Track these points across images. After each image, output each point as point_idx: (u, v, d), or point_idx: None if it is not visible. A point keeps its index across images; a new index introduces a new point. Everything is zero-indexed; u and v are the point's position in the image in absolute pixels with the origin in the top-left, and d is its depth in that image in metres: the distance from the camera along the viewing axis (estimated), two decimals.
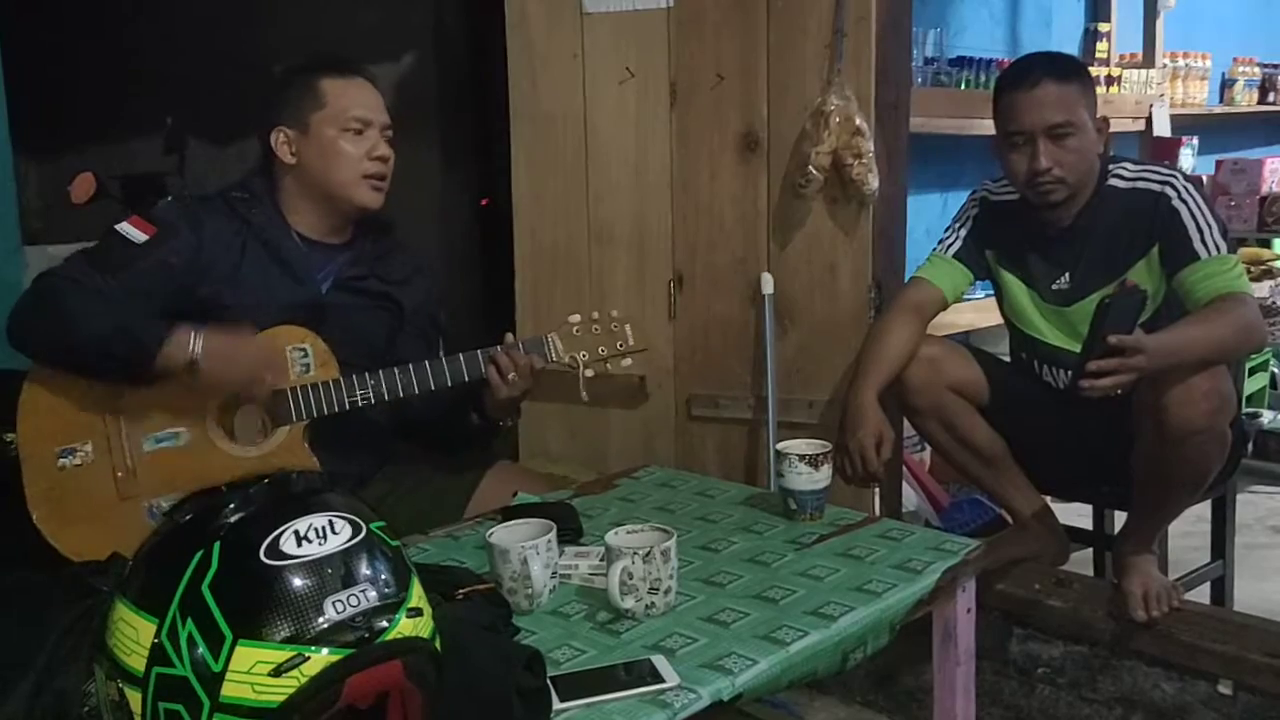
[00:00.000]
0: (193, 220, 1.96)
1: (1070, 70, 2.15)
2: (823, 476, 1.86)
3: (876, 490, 2.38)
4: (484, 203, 4.05)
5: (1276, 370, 4.20)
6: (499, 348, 2.00)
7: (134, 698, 0.95)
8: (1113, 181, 2.13)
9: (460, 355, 1.99)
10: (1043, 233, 2.20)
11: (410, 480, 2.12)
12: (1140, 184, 2.11)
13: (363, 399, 1.94)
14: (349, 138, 2.01)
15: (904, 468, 2.75)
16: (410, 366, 1.96)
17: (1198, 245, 2.02)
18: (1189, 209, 2.04)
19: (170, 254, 1.92)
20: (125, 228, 1.92)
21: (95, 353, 1.81)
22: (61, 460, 1.85)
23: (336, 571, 0.97)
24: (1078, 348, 1.98)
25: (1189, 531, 2.71)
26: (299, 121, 2.01)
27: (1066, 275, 2.18)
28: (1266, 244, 4.24)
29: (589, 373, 2.06)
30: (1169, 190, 2.06)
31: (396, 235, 2.20)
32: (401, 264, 2.16)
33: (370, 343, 2.07)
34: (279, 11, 3.95)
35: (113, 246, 1.91)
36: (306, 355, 1.95)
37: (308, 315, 1.98)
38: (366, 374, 1.95)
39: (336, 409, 1.93)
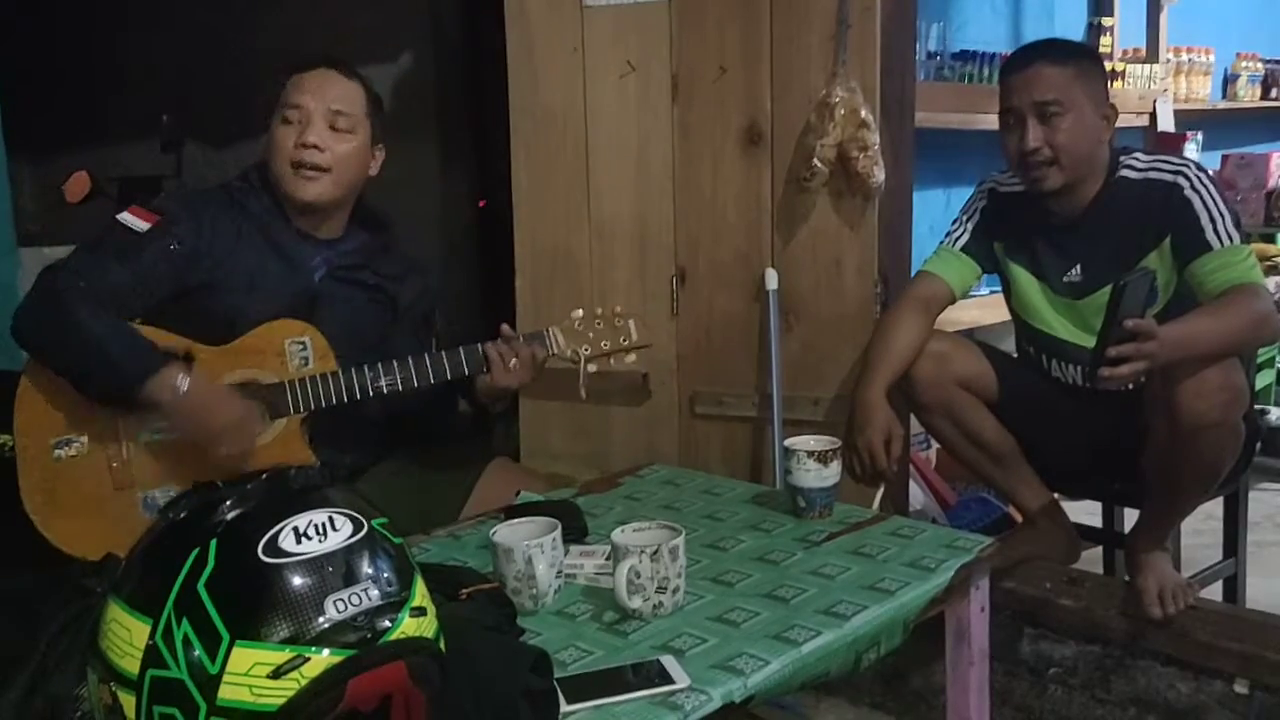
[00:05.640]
0: (192, 208, 1.97)
1: (1069, 53, 2.13)
2: (831, 473, 1.83)
3: (880, 490, 2.35)
4: (481, 204, 4.02)
5: None
6: (498, 340, 1.99)
7: (128, 701, 0.92)
8: (1124, 172, 2.11)
9: (460, 349, 1.98)
10: (1053, 224, 2.17)
11: (407, 478, 2.11)
12: (1152, 174, 2.08)
13: (361, 392, 1.93)
14: (281, 127, 1.99)
15: (910, 465, 2.72)
16: (410, 359, 1.95)
17: (1210, 236, 1.99)
18: (1201, 199, 2.01)
19: (172, 241, 1.92)
20: (127, 217, 1.92)
21: (90, 367, 1.81)
22: (57, 451, 1.85)
23: (337, 569, 0.95)
24: (1089, 342, 1.95)
25: (1199, 529, 2.68)
26: (270, 120, 2.02)
27: (1078, 267, 2.15)
28: (1272, 239, 4.23)
29: (591, 368, 2.05)
30: (1181, 180, 2.03)
31: (392, 234, 2.19)
32: (396, 261, 2.16)
33: (362, 334, 2.06)
34: (275, 12, 3.92)
35: (116, 236, 1.91)
36: (305, 349, 1.95)
37: (301, 303, 1.98)
38: (365, 367, 1.94)
39: (334, 402, 1.93)
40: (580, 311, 2.05)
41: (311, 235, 2.05)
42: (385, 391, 1.94)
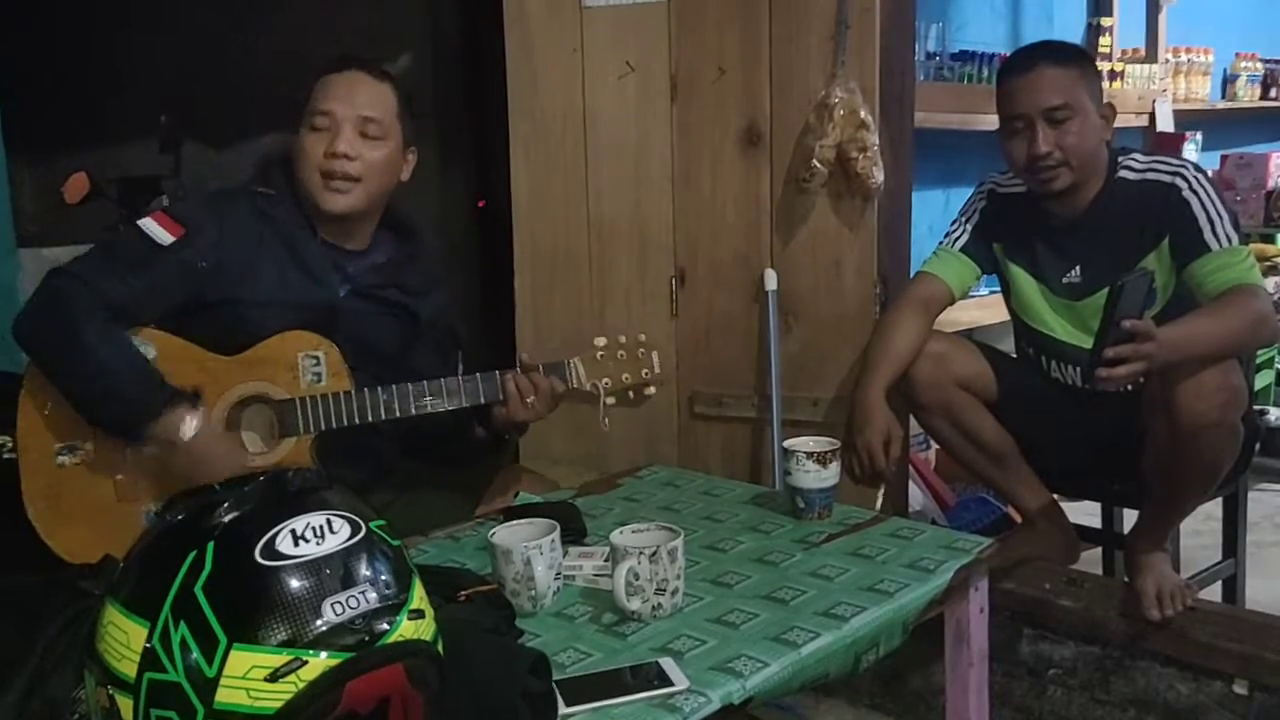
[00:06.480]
0: (218, 217, 1.89)
1: (1069, 55, 2.13)
2: (831, 474, 1.83)
3: (880, 491, 2.34)
4: (480, 204, 4.01)
5: None
6: (518, 370, 1.96)
7: (125, 704, 0.92)
8: (1123, 173, 2.11)
9: (478, 375, 1.95)
10: (1052, 225, 2.17)
11: (416, 486, 2.07)
12: (1150, 175, 2.08)
13: (374, 415, 1.88)
14: (310, 135, 1.92)
15: (910, 466, 2.72)
16: (425, 384, 1.91)
17: (1208, 236, 1.99)
18: (1200, 200, 2.01)
19: (195, 256, 1.85)
20: (150, 225, 1.84)
21: (92, 394, 1.76)
22: (60, 458, 1.81)
23: (335, 572, 0.94)
24: (1087, 343, 1.95)
25: (1199, 530, 2.68)
26: (299, 123, 1.95)
27: (1077, 268, 2.15)
28: (1271, 239, 4.22)
29: (610, 400, 2.02)
30: (1179, 181, 2.03)
31: (418, 244, 2.11)
32: (421, 276, 2.08)
33: (384, 351, 2.00)
34: (275, 13, 3.91)
35: (136, 245, 1.84)
36: (319, 364, 1.88)
37: (321, 317, 1.91)
38: (380, 389, 1.89)
39: (345, 423, 1.87)
40: (604, 340, 2.02)
41: (337, 246, 1.98)
42: (398, 415, 1.89)
